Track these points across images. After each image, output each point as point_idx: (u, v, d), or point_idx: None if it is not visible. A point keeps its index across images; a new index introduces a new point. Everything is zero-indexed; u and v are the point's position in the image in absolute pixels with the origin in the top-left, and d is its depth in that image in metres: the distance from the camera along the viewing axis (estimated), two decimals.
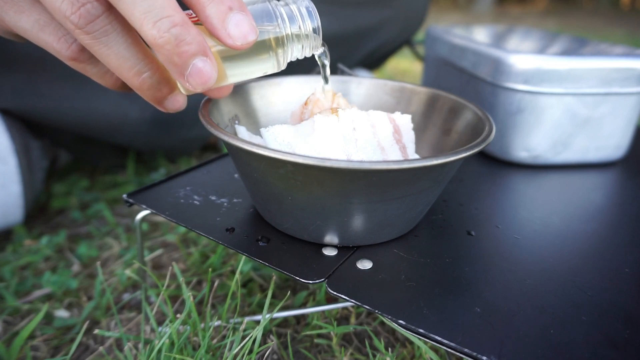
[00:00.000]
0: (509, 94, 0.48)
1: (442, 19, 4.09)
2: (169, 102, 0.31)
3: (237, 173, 0.43)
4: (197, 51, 0.26)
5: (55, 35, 0.28)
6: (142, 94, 0.30)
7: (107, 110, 0.58)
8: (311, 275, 0.30)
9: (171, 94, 0.31)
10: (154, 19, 0.25)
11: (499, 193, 0.44)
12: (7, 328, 0.43)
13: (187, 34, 0.26)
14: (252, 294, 0.46)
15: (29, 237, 0.56)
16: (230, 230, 0.34)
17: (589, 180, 0.48)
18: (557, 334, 0.26)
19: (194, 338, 0.38)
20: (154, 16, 0.25)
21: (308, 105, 0.40)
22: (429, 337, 0.26)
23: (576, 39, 0.60)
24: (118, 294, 0.47)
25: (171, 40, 0.25)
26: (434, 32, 0.64)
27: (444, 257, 0.33)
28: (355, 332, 0.41)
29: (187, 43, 0.26)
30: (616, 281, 0.31)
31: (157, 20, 0.25)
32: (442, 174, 0.31)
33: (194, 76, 0.27)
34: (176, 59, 0.26)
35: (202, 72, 0.27)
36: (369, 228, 0.32)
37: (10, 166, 0.52)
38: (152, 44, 0.26)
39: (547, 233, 0.37)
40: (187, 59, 0.26)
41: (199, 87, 0.28)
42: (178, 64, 0.26)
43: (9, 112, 0.54)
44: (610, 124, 0.49)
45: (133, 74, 0.28)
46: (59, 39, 0.28)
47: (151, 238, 0.56)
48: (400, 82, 0.43)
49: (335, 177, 0.28)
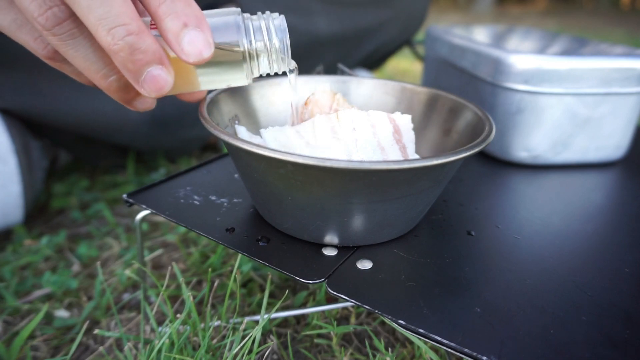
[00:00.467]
0: (509, 94, 0.48)
1: (442, 19, 4.09)
2: (138, 102, 0.32)
3: (237, 173, 0.43)
4: (152, 60, 0.27)
5: (31, 35, 0.29)
6: (111, 96, 0.31)
7: (107, 110, 0.58)
8: (311, 275, 0.30)
9: (139, 95, 0.31)
10: (109, 26, 0.26)
11: (499, 193, 0.44)
12: (7, 328, 0.43)
13: (142, 43, 0.26)
14: (252, 294, 0.46)
15: (29, 237, 0.56)
16: (230, 230, 0.34)
17: (589, 180, 0.48)
18: (557, 334, 0.26)
19: (194, 338, 0.38)
20: (109, 23, 0.25)
21: (308, 106, 0.40)
22: (429, 337, 0.26)
23: (576, 39, 0.60)
24: (118, 294, 0.47)
25: (125, 48, 0.26)
26: (434, 32, 0.64)
27: (444, 257, 0.33)
28: (355, 332, 0.41)
29: (141, 52, 0.26)
30: (616, 281, 0.31)
31: (112, 27, 0.26)
32: (442, 174, 0.31)
33: (148, 83, 0.28)
34: (130, 66, 0.27)
35: (157, 80, 0.28)
36: (369, 228, 0.32)
37: (10, 166, 0.52)
38: (107, 50, 0.26)
39: (547, 233, 0.37)
40: (141, 67, 0.27)
41: (153, 94, 0.28)
42: (132, 70, 0.27)
43: (9, 112, 0.54)
44: (610, 124, 0.49)
45: (100, 76, 0.29)
46: (35, 39, 0.29)
47: (151, 238, 0.56)
48: (400, 82, 0.43)
49: (335, 177, 0.28)
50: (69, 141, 0.65)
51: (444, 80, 0.61)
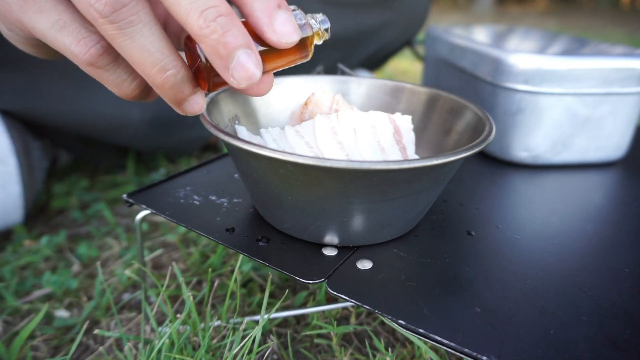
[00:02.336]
0: (509, 94, 0.48)
1: (442, 19, 4.09)
2: (188, 104, 0.30)
3: (237, 173, 0.43)
4: (242, 43, 0.26)
5: (74, 36, 0.27)
6: (163, 94, 0.28)
7: (107, 111, 0.58)
8: (311, 275, 0.30)
9: (192, 96, 0.29)
10: (201, 9, 0.24)
11: (499, 193, 0.44)
12: (7, 328, 0.43)
13: (233, 25, 0.25)
14: (252, 294, 0.46)
15: (29, 237, 0.56)
16: (230, 230, 0.34)
17: (589, 180, 0.48)
18: (557, 334, 0.26)
19: (194, 338, 0.38)
20: (200, 6, 0.24)
21: (308, 106, 0.40)
22: (429, 337, 0.26)
23: (576, 39, 0.60)
24: (118, 294, 0.47)
25: (217, 30, 0.25)
26: (434, 32, 0.64)
27: (444, 257, 0.33)
28: (355, 332, 0.41)
29: (232, 34, 0.25)
30: (616, 281, 0.31)
31: (204, 9, 0.25)
32: (442, 174, 0.31)
33: (239, 69, 0.26)
34: (222, 50, 0.25)
35: (247, 66, 0.26)
36: (369, 228, 0.32)
37: (10, 167, 0.52)
38: (197, 35, 0.25)
39: (547, 233, 0.37)
40: (232, 51, 0.25)
41: (244, 82, 0.26)
42: (223, 55, 0.25)
43: (9, 112, 0.54)
44: (610, 124, 0.49)
45: (157, 70, 0.27)
46: (79, 41, 0.27)
47: (151, 238, 0.56)
48: (401, 82, 0.43)
49: (335, 177, 0.28)
50: (69, 142, 0.65)
51: (444, 80, 0.61)
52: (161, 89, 0.28)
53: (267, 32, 0.27)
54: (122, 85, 0.29)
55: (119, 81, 0.29)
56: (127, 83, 0.29)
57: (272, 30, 0.27)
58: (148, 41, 0.26)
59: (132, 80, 0.29)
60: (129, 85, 0.29)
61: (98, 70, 0.28)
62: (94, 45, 0.27)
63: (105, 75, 0.29)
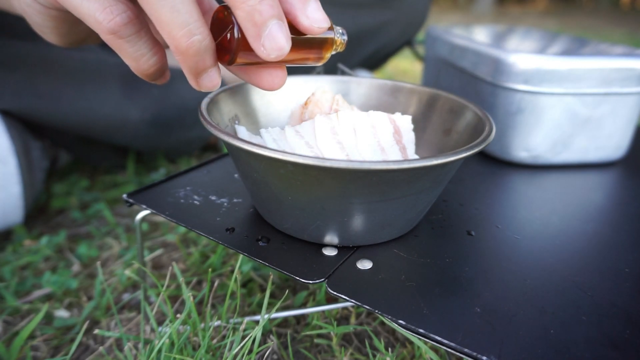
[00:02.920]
0: (509, 94, 0.48)
1: (442, 19, 4.09)
2: (207, 76, 0.29)
3: (237, 173, 0.43)
4: (276, 13, 0.26)
5: (101, 3, 0.27)
6: (185, 60, 0.27)
7: (107, 111, 0.58)
8: (311, 275, 0.30)
9: (211, 68, 0.29)
10: None
11: (499, 193, 0.44)
12: (7, 328, 0.43)
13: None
14: (252, 294, 0.46)
15: (29, 237, 0.56)
16: (230, 230, 0.34)
17: (589, 180, 0.48)
18: (557, 334, 0.26)
19: (194, 338, 0.38)
20: None
21: (308, 106, 0.40)
22: (429, 337, 0.26)
23: (576, 39, 0.60)
24: (118, 294, 0.47)
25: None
26: (434, 32, 0.64)
27: (444, 257, 0.33)
28: (355, 332, 0.41)
29: (268, 3, 0.25)
30: (616, 281, 0.31)
31: None
32: (442, 174, 0.31)
33: (270, 40, 0.26)
34: (257, 17, 0.25)
35: (279, 36, 0.26)
36: (369, 228, 0.32)
37: (10, 167, 0.52)
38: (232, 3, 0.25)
39: (547, 233, 0.37)
40: (267, 19, 0.26)
41: (274, 53, 0.27)
42: (258, 23, 0.26)
43: (9, 112, 0.54)
44: (610, 124, 0.49)
45: (184, 33, 0.26)
46: (105, 8, 0.27)
47: (151, 238, 0.56)
48: (401, 82, 0.43)
49: (335, 177, 0.28)
50: (69, 141, 0.65)
51: (444, 80, 0.61)
52: (185, 55, 0.27)
53: (300, 16, 0.27)
54: (141, 59, 0.29)
55: (138, 55, 0.29)
56: (146, 58, 0.29)
57: (305, 15, 0.27)
58: (179, 1, 0.26)
59: (151, 56, 0.29)
60: (147, 60, 0.29)
61: (119, 40, 0.28)
62: (120, 14, 0.27)
63: (126, 46, 0.28)
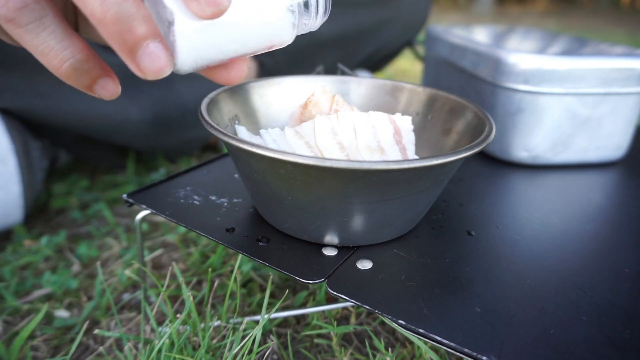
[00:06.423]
0: (509, 94, 0.48)
1: (442, 19, 4.09)
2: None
3: (237, 173, 0.43)
4: (149, 31, 0.23)
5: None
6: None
7: (107, 111, 0.58)
8: (311, 275, 0.30)
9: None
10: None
11: (499, 193, 0.44)
12: (7, 328, 0.43)
13: (138, 13, 0.22)
14: (252, 294, 0.46)
15: (29, 237, 0.56)
16: (230, 230, 0.34)
17: (589, 180, 0.48)
18: (557, 334, 0.26)
19: (194, 338, 0.38)
20: None
21: (308, 106, 0.40)
22: (429, 337, 0.26)
23: (576, 39, 0.60)
24: (118, 294, 0.47)
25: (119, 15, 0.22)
26: (434, 32, 0.64)
27: (444, 257, 0.33)
28: (355, 332, 0.41)
29: (139, 23, 0.22)
30: (616, 281, 0.31)
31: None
32: (442, 174, 0.31)
33: (145, 61, 0.23)
34: (129, 36, 0.22)
35: (155, 57, 0.23)
36: (369, 228, 0.32)
37: (10, 167, 0.52)
38: (97, 21, 0.22)
39: (547, 233, 0.37)
40: (138, 40, 0.23)
41: (151, 74, 0.23)
42: (128, 43, 0.23)
43: (8, 112, 0.54)
44: (610, 124, 0.49)
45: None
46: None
47: (151, 238, 0.56)
48: (400, 82, 0.43)
49: (335, 177, 0.28)
50: (69, 141, 0.65)
51: (444, 80, 0.61)
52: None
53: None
54: (49, 54, 0.25)
55: (43, 48, 0.25)
56: (55, 52, 0.25)
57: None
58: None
59: (61, 49, 0.25)
60: (56, 55, 0.25)
61: (18, 30, 0.24)
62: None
63: (27, 37, 0.24)
